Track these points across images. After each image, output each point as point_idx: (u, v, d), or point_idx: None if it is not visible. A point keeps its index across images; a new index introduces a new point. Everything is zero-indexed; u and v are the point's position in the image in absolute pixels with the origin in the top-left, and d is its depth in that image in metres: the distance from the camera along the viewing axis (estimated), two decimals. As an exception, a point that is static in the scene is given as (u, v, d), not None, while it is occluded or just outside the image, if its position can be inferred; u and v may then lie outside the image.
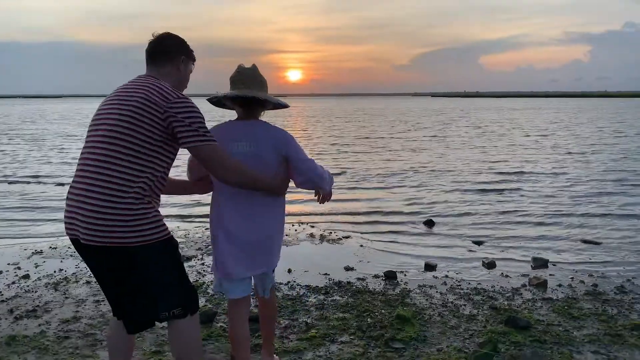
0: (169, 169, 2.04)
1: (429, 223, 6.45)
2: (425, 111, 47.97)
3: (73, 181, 1.98)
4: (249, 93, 2.26)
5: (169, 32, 2.19)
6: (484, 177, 10.06)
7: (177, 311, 2.01)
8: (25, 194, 8.53)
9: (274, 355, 2.77)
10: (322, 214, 6.96)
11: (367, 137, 20.15)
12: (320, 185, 2.40)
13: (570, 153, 14.03)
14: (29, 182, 9.70)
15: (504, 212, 7.06)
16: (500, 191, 8.63)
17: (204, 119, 1.99)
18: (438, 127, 25.95)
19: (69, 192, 1.97)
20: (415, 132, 22.83)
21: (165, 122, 1.91)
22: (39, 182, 9.69)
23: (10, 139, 19.34)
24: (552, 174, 10.37)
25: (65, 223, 1.96)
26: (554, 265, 4.76)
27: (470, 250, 5.31)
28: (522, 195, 8.26)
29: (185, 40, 2.21)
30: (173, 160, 2.05)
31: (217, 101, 2.42)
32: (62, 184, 9.33)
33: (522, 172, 10.57)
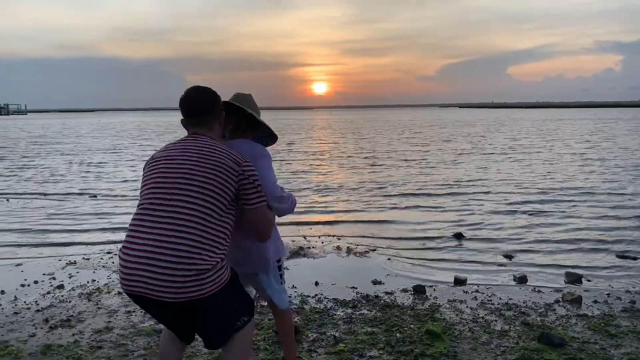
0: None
1: (458, 236, 6.36)
2: (457, 123, 46.77)
3: (138, 239, 1.91)
4: (256, 110, 2.41)
5: (205, 88, 2.18)
6: (517, 190, 9.79)
7: (245, 319, 2.15)
8: (60, 206, 8.76)
9: None
10: (348, 227, 6.94)
11: (398, 150, 19.58)
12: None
13: (618, 167, 13.20)
14: (63, 195, 9.95)
15: (535, 225, 6.91)
16: (532, 204, 8.42)
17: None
18: (472, 139, 25.04)
19: (130, 249, 1.90)
20: (450, 144, 22.22)
21: (237, 185, 2.01)
22: (73, 195, 9.93)
23: (47, 153, 19.90)
24: (590, 188, 9.91)
25: (127, 280, 1.90)
26: (588, 280, 4.63)
27: (500, 264, 5.21)
28: (554, 209, 8.02)
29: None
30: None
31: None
32: (95, 196, 9.58)
33: (558, 188, 10.10)
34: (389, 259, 5.37)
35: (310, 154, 18.36)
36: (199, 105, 2.13)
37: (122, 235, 6.52)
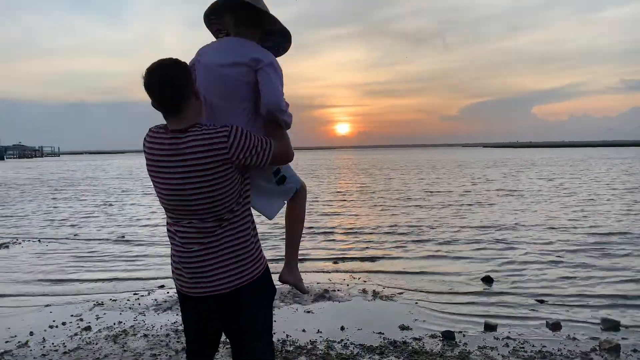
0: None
1: (487, 280, 6.20)
2: (485, 162, 45.67)
3: (180, 242, 1.87)
4: (262, 5, 2.02)
5: (164, 64, 1.77)
6: (551, 232, 9.45)
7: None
8: (89, 248, 8.91)
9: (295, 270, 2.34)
10: (375, 269, 6.85)
11: (428, 190, 18.90)
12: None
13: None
14: (92, 237, 10.13)
15: (569, 269, 6.68)
16: (567, 247, 8.10)
17: (250, 133, 1.84)
18: (505, 179, 24.01)
19: (178, 252, 1.88)
20: (483, 184, 21.23)
21: (235, 161, 1.78)
22: (102, 237, 10.10)
23: (77, 195, 20.39)
24: (628, 231, 9.35)
25: (180, 281, 1.92)
26: (626, 328, 4.43)
27: (532, 309, 5.05)
28: (590, 252, 7.69)
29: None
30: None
31: (213, 20, 2.13)
32: (123, 237, 9.72)
33: (595, 231, 9.59)
34: (416, 303, 5.26)
35: (338, 194, 18.20)
36: (164, 96, 1.76)
37: (149, 274, 6.58)
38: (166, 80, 1.73)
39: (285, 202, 2.22)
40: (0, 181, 29.65)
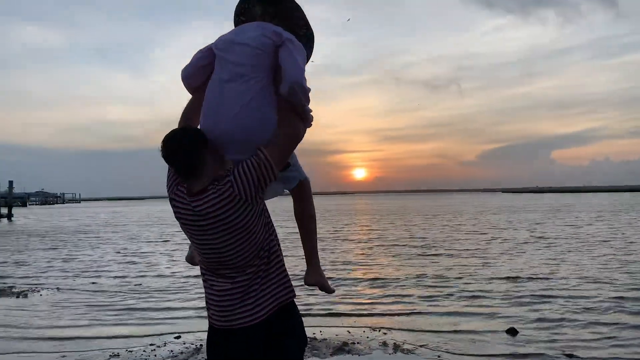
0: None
1: (512, 331, 5.98)
2: (508, 208, 44.00)
3: (212, 277, 1.96)
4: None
5: (174, 136, 1.89)
6: (581, 283, 8.99)
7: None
8: (105, 297, 8.89)
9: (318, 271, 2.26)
10: (395, 321, 6.68)
11: (451, 237, 18.03)
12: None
13: None
14: (109, 286, 10.13)
15: (600, 323, 6.39)
16: (597, 298, 7.72)
17: (249, 165, 1.85)
18: (531, 226, 22.75)
19: (211, 288, 1.95)
20: (508, 231, 20.20)
21: (252, 201, 1.85)
22: (118, 286, 10.09)
23: (95, 243, 20.57)
24: None
25: (216, 316, 1.95)
26: (664, 386, 4.18)
27: (561, 365, 4.82)
28: (625, 306, 7.25)
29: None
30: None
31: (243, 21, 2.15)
32: (140, 284, 9.70)
33: (629, 282, 8.99)
34: (439, 357, 5.08)
35: (358, 241, 17.71)
36: (183, 168, 1.88)
37: (165, 325, 6.50)
38: (178, 151, 1.85)
39: (286, 190, 2.16)
40: (23, 228, 30.16)
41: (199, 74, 2.10)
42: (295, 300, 2.04)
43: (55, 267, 12.68)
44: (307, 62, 2.10)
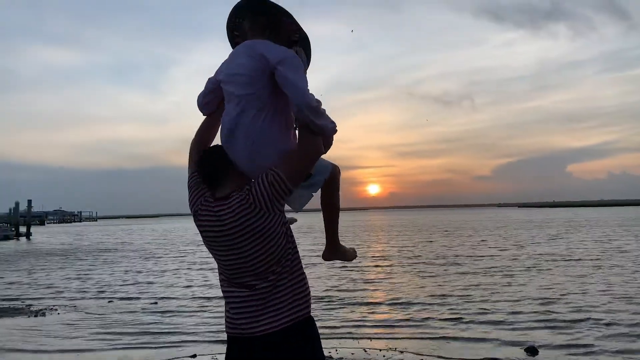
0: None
1: (532, 350, 5.86)
2: (527, 223, 42.84)
3: (232, 287, 1.98)
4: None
5: (216, 148, 2.04)
6: (609, 301, 8.75)
7: None
8: (123, 315, 8.92)
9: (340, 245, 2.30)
10: (412, 340, 6.59)
11: (473, 255, 17.18)
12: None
13: None
14: (127, 305, 10.17)
15: (620, 342, 6.24)
16: (624, 319, 7.47)
17: (265, 179, 1.89)
18: (554, 242, 21.86)
19: (231, 297, 1.97)
20: (529, 247, 19.46)
21: (269, 210, 1.88)
22: (137, 305, 10.12)
23: (109, 261, 20.70)
24: None
25: (234, 325, 1.96)
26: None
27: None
28: None
29: None
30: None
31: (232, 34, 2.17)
32: (156, 303, 9.73)
33: None
34: (457, 377, 4.99)
35: (379, 258, 17.19)
36: (208, 178, 2.01)
37: (178, 349, 6.49)
38: (210, 157, 2.01)
39: (313, 194, 2.15)
40: (41, 247, 30.53)
41: (211, 103, 2.15)
42: (313, 316, 2.02)
43: (72, 286, 12.78)
44: (307, 67, 2.09)
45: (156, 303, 9.83)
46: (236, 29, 2.13)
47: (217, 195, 1.97)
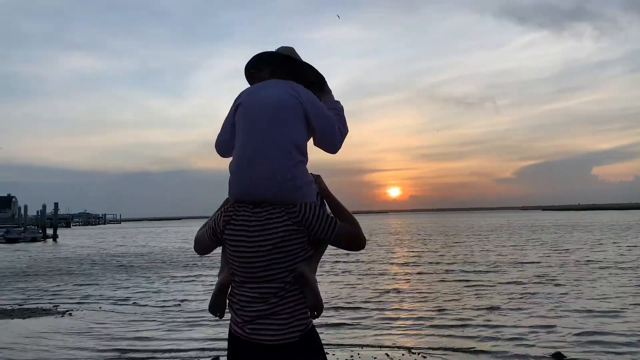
0: None
1: (558, 356, 5.74)
2: (558, 226, 41.52)
3: (243, 288, 1.99)
4: (286, 52, 2.15)
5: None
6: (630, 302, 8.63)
7: None
8: (148, 316, 9.05)
9: None
10: (436, 343, 6.53)
11: (514, 261, 16.27)
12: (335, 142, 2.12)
13: None
14: (151, 307, 10.31)
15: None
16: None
17: (318, 207, 1.99)
18: (591, 246, 21.08)
19: (240, 300, 1.98)
20: (574, 253, 18.33)
21: (305, 229, 1.94)
22: (161, 306, 10.25)
23: (136, 266, 21.01)
24: None
25: (251, 329, 1.95)
26: None
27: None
28: None
29: None
30: None
31: (253, 73, 2.26)
32: (180, 305, 9.84)
33: None
34: (481, 382, 4.92)
35: (404, 265, 16.78)
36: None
37: (201, 350, 6.55)
38: None
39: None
40: (67, 249, 31.15)
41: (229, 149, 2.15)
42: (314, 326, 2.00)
43: (98, 288, 13.02)
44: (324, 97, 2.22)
45: (179, 304, 9.94)
46: (253, 67, 2.22)
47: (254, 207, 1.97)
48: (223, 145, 2.16)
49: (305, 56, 2.23)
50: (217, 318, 2.06)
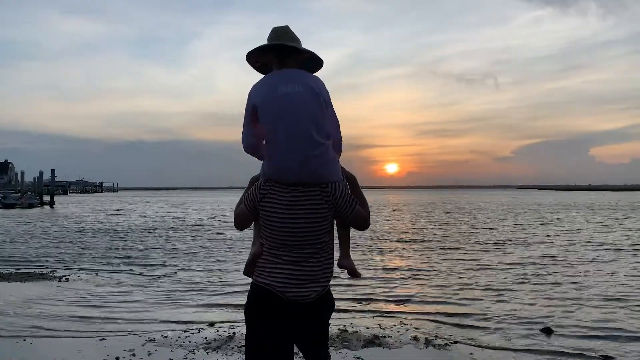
0: None
1: (547, 331, 5.85)
2: (558, 206, 41.47)
3: (275, 255, 2.28)
4: (290, 42, 2.33)
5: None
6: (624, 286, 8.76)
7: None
8: (144, 282, 9.14)
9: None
10: (427, 315, 6.64)
11: (521, 240, 16.06)
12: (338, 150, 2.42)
13: None
14: (148, 274, 10.41)
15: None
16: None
17: (345, 189, 2.33)
18: (595, 227, 21.02)
19: (273, 265, 2.27)
20: (580, 234, 18.12)
21: (334, 207, 2.29)
22: (156, 273, 10.35)
23: (138, 228, 21.12)
24: None
25: (282, 291, 2.24)
26: None
27: (598, 366, 4.69)
28: None
29: None
30: None
31: (258, 64, 2.49)
32: (176, 272, 9.94)
33: None
34: (471, 354, 5.01)
35: (404, 241, 16.50)
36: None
37: (199, 312, 6.64)
38: None
39: None
40: (64, 216, 31.23)
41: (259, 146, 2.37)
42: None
43: (96, 254, 13.11)
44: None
45: (176, 272, 10.03)
46: (257, 53, 2.42)
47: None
48: (254, 150, 2.36)
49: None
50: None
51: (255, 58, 2.43)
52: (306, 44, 2.38)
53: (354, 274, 2.47)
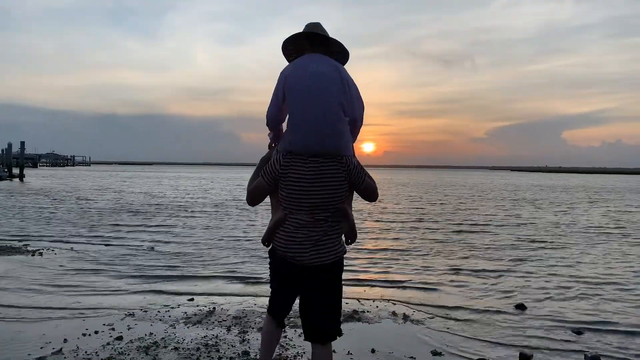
0: None
1: (521, 307, 6.03)
2: (532, 188, 42.54)
3: (296, 221, 2.54)
4: (326, 34, 2.71)
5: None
6: (597, 263, 9.17)
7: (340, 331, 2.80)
8: (121, 257, 9.04)
9: None
10: (405, 291, 6.76)
11: (508, 222, 15.67)
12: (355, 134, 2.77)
13: None
14: (125, 248, 10.29)
15: (610, 300, 6.45)
16: (612, 279, 7.79)
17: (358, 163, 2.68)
18: (566, 209, 21.36)
19: (294, 230, 2.54)
20: (543, 213, 18.83)
21: (349, 177, 2.61)
22: (134, 248, 10.24)
23: (118, 206, 20.75)
24: None
25: (291, 256, 2.55)
26: (672, 365, 4.21)
27: (568, 341, 4.87)
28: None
29: None
30: None
31: (290, 49, 2.81)
32: (153, 248, 9.85)
33: None
34: (447, 329, 5.14)
35: (388, 221, 16.68)
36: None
37: (179, 287, 6.61)
38: None
39: None
40: (34, 189, 30.50)
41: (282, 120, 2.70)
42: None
43: (68, 228, 12.88)
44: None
45: (152, 248, 9.95)
46: (292, 44, 2.77)
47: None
48: (275, 121, 2.65)
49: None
50: (266, 246, 2.68)
51: (291, 47, 2.75)
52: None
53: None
